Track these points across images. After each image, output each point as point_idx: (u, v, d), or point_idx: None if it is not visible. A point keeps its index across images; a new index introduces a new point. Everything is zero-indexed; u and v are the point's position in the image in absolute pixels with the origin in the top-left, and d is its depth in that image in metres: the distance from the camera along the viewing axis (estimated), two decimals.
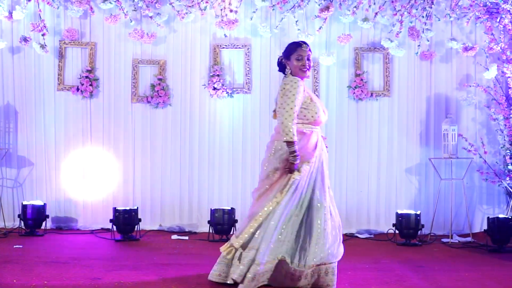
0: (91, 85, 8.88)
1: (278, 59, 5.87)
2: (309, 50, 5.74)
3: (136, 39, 8.81)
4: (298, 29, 8.74)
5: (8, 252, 7.10)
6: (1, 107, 8.95)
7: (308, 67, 5.72)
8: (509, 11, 8.49)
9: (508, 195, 8.97)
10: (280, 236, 5.50)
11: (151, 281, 5.70)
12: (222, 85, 8.88)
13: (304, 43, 5.78)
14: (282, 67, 5.82)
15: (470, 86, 8.92)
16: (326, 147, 5.91)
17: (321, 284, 5.56)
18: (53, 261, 6.58)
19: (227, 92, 8.90)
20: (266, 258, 5.44)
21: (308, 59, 5.72)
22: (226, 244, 5.73)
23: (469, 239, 8.47)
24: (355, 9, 8.70)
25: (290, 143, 5.49)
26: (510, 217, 7.99)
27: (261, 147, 8.90)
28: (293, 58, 5.72)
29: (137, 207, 8.48)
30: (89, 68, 8.90)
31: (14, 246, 7.47)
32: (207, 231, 8.33)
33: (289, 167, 5.53)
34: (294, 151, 5.49)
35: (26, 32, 8.79)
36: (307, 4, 8.76)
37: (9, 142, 8.97)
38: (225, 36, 8.86)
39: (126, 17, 8.70)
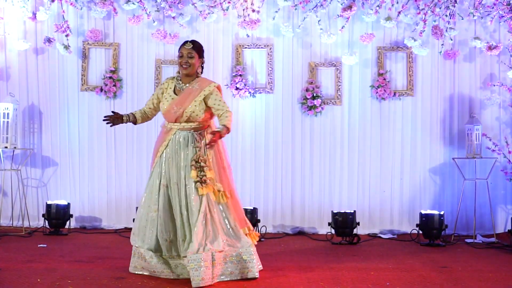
0: (114, 85, 8.93)
1: None
2: (192, 48, 6.03)
3: (159, 39, 8.84)
4: (321, 29, 8.74)
5: (33, 251, 7.17)
6: (26, 108, 9.03)
7: (185, 64, 6.01)
8: None
9: None
10: None
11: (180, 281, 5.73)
12: (245, 85, 8.88)
13: (190, 41, 6.14)
14: None
15: (494, 85, 8.85)
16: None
17: None
18: (77, 260, 6.64)
19: (250, 92, 8.91)
20: None
21: (190, 57, 6.01)
22: None
23: (493, 239, 8.41)
24: (378, 8, 8.68)
25: None
26: None
27: (284, 146, 8.98)
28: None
29: None
30: (113, 69, 8.96)
31: (39, 246, 7.54)
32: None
33: None
34: None
35: (50, 33, 8.87)
36: (330, 3, 8.75)
37: (33, 143, 9.05)
38: (248, 36, 8.88)
39: (149, 17, 8.75)
